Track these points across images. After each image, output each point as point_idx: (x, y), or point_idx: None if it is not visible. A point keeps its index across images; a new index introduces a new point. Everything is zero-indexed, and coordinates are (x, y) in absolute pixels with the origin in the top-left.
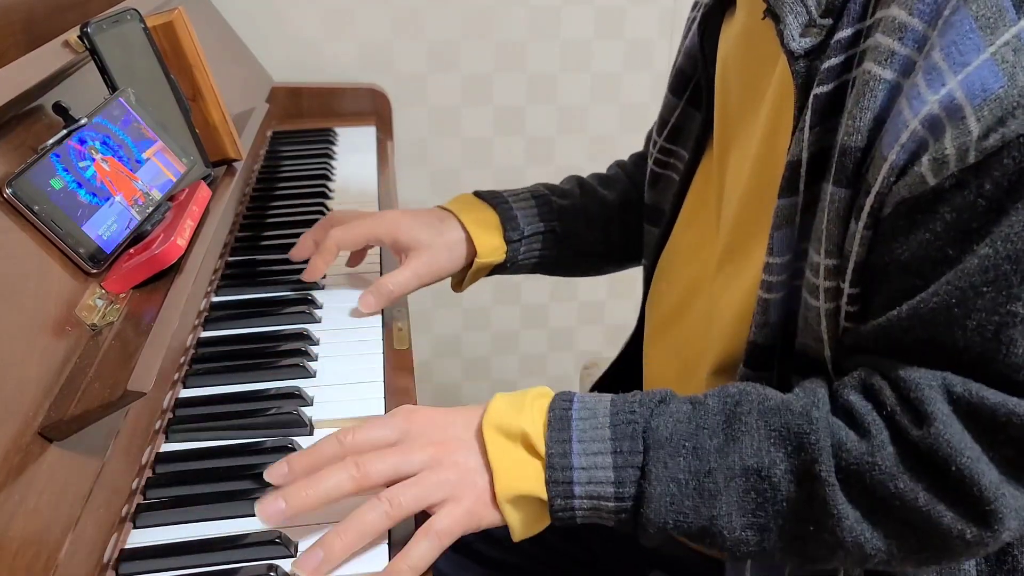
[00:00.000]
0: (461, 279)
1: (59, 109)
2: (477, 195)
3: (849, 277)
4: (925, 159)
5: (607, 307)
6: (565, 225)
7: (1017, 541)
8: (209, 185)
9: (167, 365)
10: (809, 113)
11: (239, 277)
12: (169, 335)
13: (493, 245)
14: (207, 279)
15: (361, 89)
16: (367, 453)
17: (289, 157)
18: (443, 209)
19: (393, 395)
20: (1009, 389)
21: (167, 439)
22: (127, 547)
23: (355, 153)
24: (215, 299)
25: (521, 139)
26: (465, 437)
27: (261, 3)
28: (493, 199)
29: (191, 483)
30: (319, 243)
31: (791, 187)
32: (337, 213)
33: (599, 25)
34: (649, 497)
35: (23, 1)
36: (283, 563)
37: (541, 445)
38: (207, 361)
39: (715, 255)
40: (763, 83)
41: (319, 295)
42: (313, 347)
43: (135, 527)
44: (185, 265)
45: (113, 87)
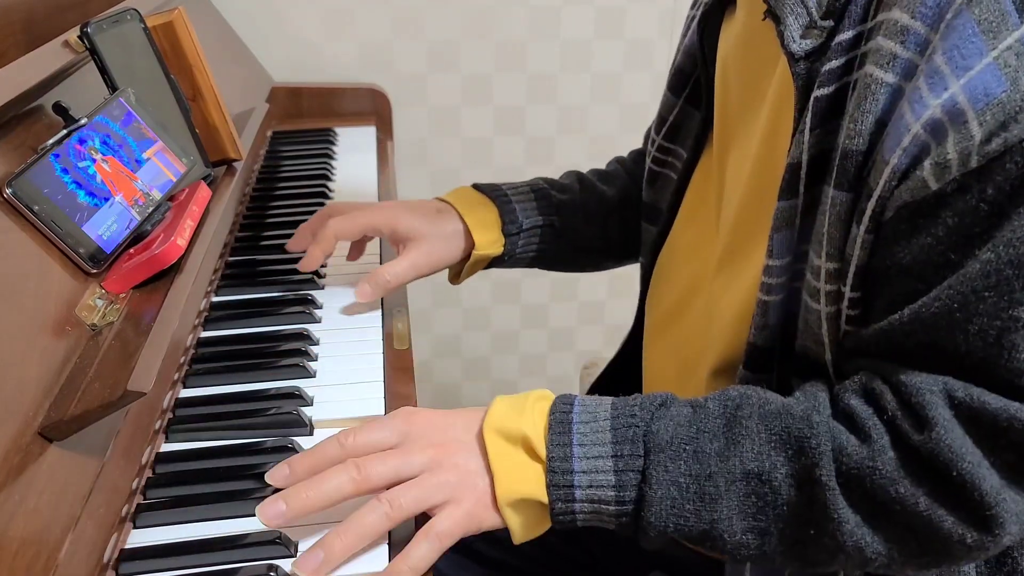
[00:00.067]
0: (459, 271)
1: (59, 109)
2: (476, 188)
3: (850, 281)
4: (927, 163)
5: (607, 307)
6: (564, 220)
7: (1017, 544)
8: (209, 185)
9: (167, 365)
10: (809, 115)
11: (239, 277)
12: (169, 335)
13: (491, 238)
14: (207, 279)
15: (361, 89)
16: (367, 455)
17: (289, 157)
18: (442, 201)
19: (393, 395)
20: (1011, 394)
21: (167, 439)
22: (127, 547)
23: (355, 153)
24: (215, 299)
25: (521, 139)
26: (466, 439)
27: (261, 3)
28: (492, 192)
29: (191, 483)
30: (316, 234)
31: (791, 189)
32: (335, 204)
33: (599, 25)
34: (650, 501)
35: (23, 1)
36: (283, 563)
37: (542, 448)
38: (207, 361)
39: (714, 255)
40: (763, 84)
41: (319, 295)
42: (313, 347)
43: (135, 527)
44: (185, 265)
45: (113, 87)
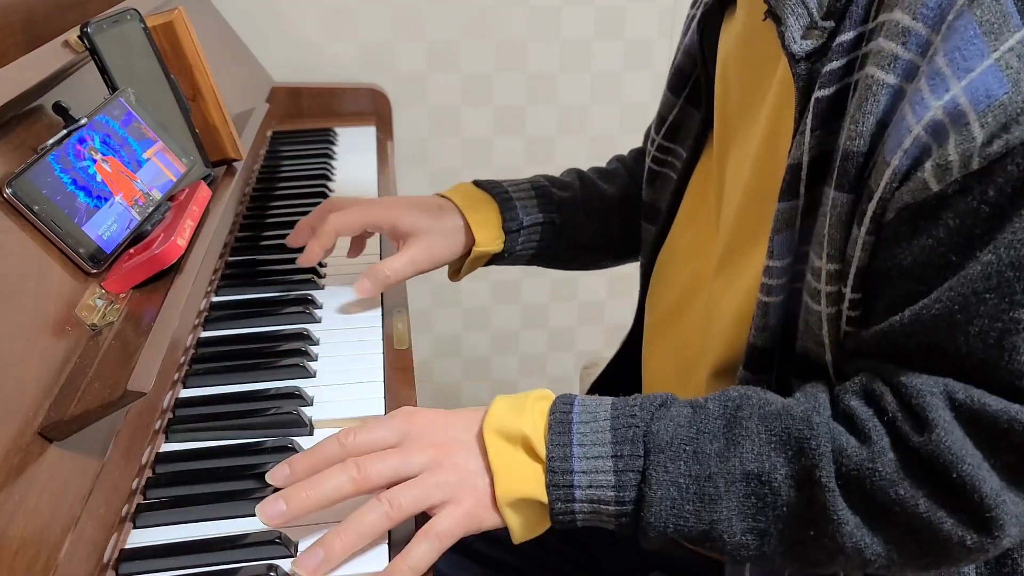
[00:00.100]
0: (458, 268)
1: (59, 109)
2: (477, 184)
3: (851, 282)
4: (928, 165)
5: (607, 307)
6: (564, 217)
7: (1017, 546)
8: (209, 185)
9: (167, 365)
10: (810, 116)
11: (239, 277)
12: (169, 335)
13: (492, 235)
14: (207, 279)
15: (361, 89)
16: (367, 455)
17: (289, 157)
18: (442, 197)
19: (393, 395)
20: (1011, 396)
21: (167, 439)
22: (127, 547)
23: (355, 153)
24: (215, 299)
25: (521, 139)
26: (466, 439)
27: (261, 3)
28: (493, 189)
29: (191, 483)
30: (316, 229)
31: (792, 190)
32: (335, 199)
33: (599, 25)
34: (649, 501)
35: (23, 1)
36: (283, 563)
37: (542, 448)
38: (207, 361)
39: (714, 254)
40: (764, 84)
41: (319, 295)
42: (313, 347)
43: (135, 527)
44: (185, 265)
45: (113, 87)
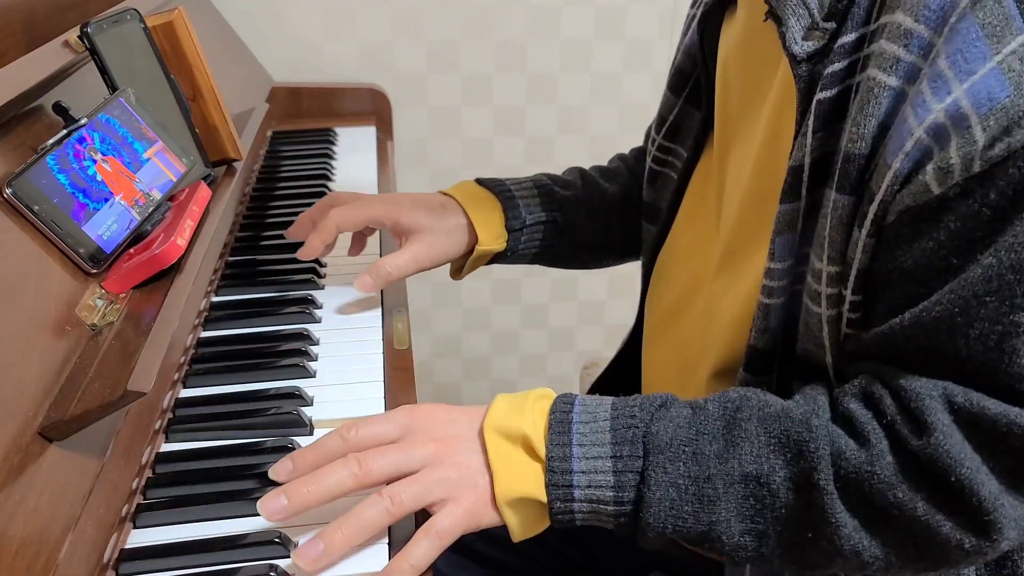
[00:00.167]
0: (460, 266)
1: (59, 109)
2: (479, 183)
3: (851, 284)
4: (930, 168)
5: (607, 307)
6: (566, 216)
7: (1017, 548)
8: (209, 185)
9: (167, 365)
10: (812, 118)
11: (239, 277)
12: (169, 335)
13: (494, 233)
14: (207, 279)
15: (361, 89)
16: (369, 449)
17: (289, 157)
18: (445, 195)
19: (393, 395)
20: (1011, 399)
21: (167, 439)
22: (127, 547)
23: (355, 153)
24: (215, 299)
25: (521, 139)
26: (467, 436)
27: (261, 3)
28: (496, 187)
29: (191, 483)
30: (317, 223)
31: (793, 192)
32: (337, 194)
33: (599, 25)
34: (648, 502)
35: (23, 1)
36: (283, 563)
37: (541, 448)
38: (207, 361)
39: (715, 255)
40: (764, 85)
41: (319, 295)
42: (313, 347)
43: (135, 527)
44: (185, 265)
45: (113, 87)
